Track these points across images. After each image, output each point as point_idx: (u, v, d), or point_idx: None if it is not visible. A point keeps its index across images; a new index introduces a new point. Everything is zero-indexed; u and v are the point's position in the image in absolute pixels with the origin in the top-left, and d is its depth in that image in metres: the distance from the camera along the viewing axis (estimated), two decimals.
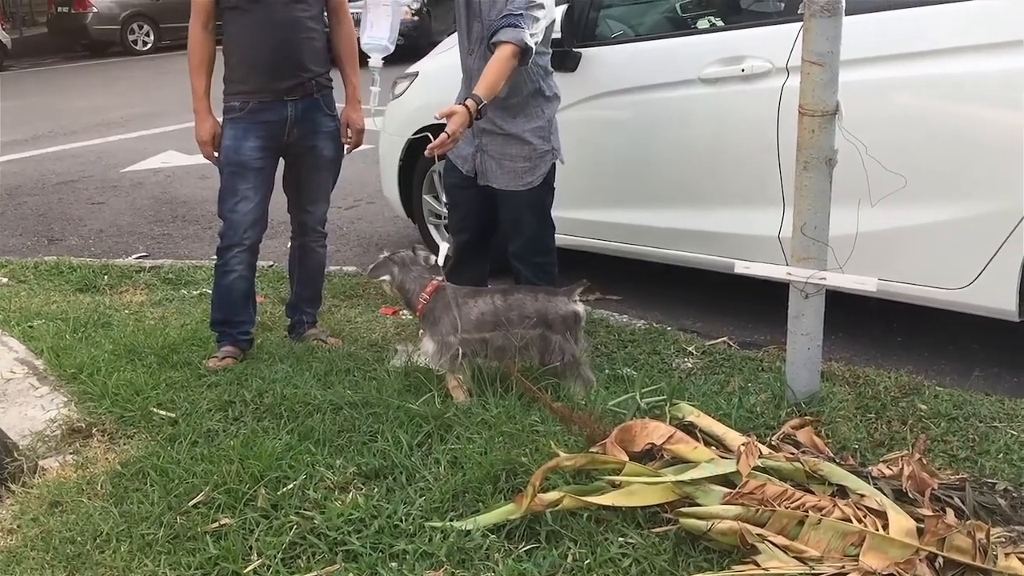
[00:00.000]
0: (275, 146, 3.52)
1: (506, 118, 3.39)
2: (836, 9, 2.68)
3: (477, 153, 3.48)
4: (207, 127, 3.51)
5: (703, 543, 2.24)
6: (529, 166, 3.44)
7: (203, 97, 3.50)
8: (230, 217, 3.50)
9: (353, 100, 3.67)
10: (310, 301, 3.89)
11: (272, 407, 3.09)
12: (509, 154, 3.42)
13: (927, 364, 3.53)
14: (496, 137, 3.42)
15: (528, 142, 3.41)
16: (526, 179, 3.45)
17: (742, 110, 3.65)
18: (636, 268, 4.39)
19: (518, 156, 3.42)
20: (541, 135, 3.43)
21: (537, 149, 3.43)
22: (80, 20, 17.40)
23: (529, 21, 3.16)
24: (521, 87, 3.36)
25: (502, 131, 3.40)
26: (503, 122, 3.39)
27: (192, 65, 3.48)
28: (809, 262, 2.87)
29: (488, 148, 3.45)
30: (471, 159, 3.50)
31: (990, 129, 3.15)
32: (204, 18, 3.44)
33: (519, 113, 3.40)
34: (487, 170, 3.48)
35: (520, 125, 3.40)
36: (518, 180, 3.45)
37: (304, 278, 3.84)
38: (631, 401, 2.95)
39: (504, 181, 3.46)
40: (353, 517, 2.42)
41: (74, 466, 2.88)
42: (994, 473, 2.57)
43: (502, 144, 3.42)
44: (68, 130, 9.85)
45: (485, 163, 3.47)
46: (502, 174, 3.45)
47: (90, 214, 6.67)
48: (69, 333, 3.93)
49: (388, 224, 5.96)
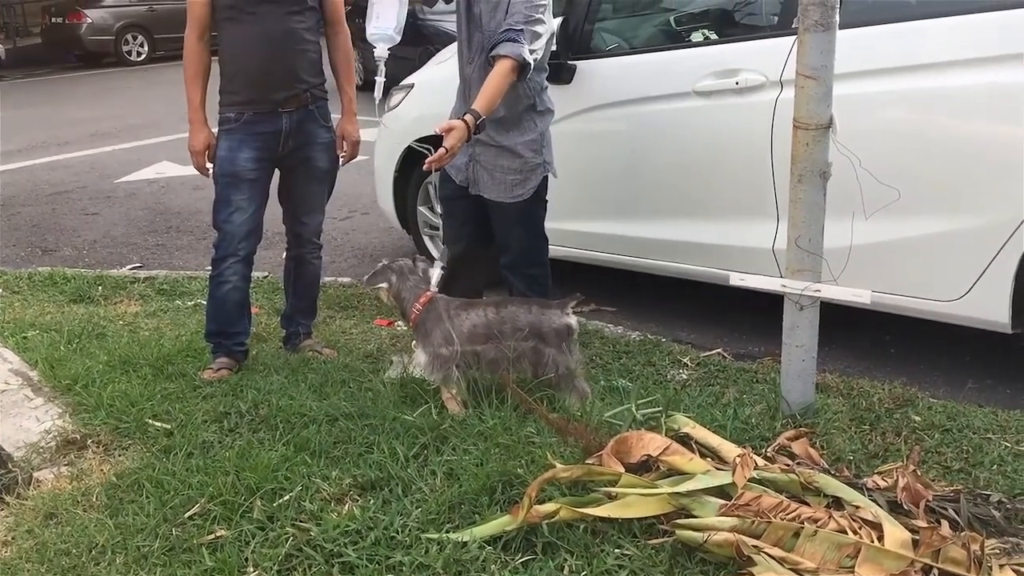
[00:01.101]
0: (270, 157, 3.52)
1: (500, 131, 3.40)
2: (830, 23, 2.70)
3: (470, 163, 3.49)
4: (201, 138, 3.51)
5: (699, 555, 2.24)
6: (520, 179, 3.45)
7: (198, 108, 3.50)
8: (225, 228, 3.51)
9: (349, 112, 3.67)
10: (305, 312, 3.89)
11: (268, 418, 3.09)
12: (501, 166, 3.44)
13: (921, 376, 3.54)
14: (489, 148, 3.43)
15: (520, 155, 3.42)
16: (516, 192, 3.46)
17: (736, 123, 3.66)
18: (631, 280, 4.40)
19: (509, 168, 3.43)
20: (533, 148, 3.44)
21: (528, 162, 3.44)
22: (74, 30, 17.42)
23: (529, 36, 3.18)
24: (516, 102, 3.37)
25: (495, 143, 3.42)
26: (496, 134, 3.40)
27: (188, 76, 3.49)
28: (804, 274, 2.88)
29: (481, 158, 3.46)
30: (464, 168, 3.51)
31: (984, 142, 3.17)
32: (200, 29, 3.44)
33: (513, 127, 3.41)
34: (479, 179, 3.49)
35: (513, 138, 3.41)
36: (508, 192, 3.46)
37: (299, 289, 3.85)
38: (627, 412, 2.95)
39: (495, 192, 3.47)
40: (349, 529, 2.41)
41: (69, 478, 2.87)
42: (988, 485, 2.58)
43: (494, 156, 3.43)
44: (62, 140, 9.84)
45: (477, 172, 3.48)
46: (493, 185, 3.46)
47: (84, 225, 6.66)
48: (63, 344, 3.92)
49: (383, 235, 5.97)
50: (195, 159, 3.56)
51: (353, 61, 3.68)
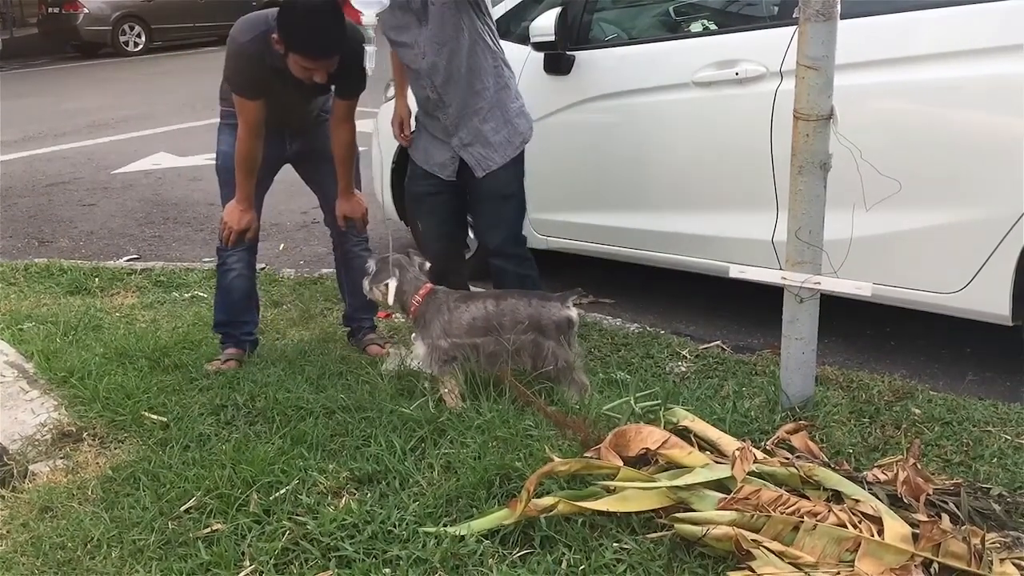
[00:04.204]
0: (273, 155, 3.50)
1: (484, 122, 3.40)
2: (831, 13, 2.67)
3: (459, 153, 3.46)
4: (246, 218, 3.44)
5: (698, 549, 2.23)
6: (511, 129, 3.45)
7: (249, 197, 3.43)
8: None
9: (346, 193, 3.56)
10: (365, 308, 3.77)
11: (264, 411, 3.08)
12: (491, 128, 3.42)
13: (921, 368, 3.53)
14: (470, 122, 3.41)
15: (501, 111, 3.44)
16: (515, 142, 3.46)
17: (736, 114, 3.64)
18: (630, 271, 4.38)
19: (499, 127, 3.43)
20: (510, 98, 3.48)
21: (507, 109, 3.45)
22: (71, 21, 17.31)
23: None
24: (484, 90, 3.38)
25: (474, 111, 3.41)
26: (481, 125, 3.40)
27: (242, 171, 3.37)
28: (804, 266, 2.86)
29: (466, 140, 3.44)
30: (450, 163, 3.49)
31: (985, 133, 3.15)
32: (256, 128, 3.32)
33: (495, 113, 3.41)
34: (479, 159, 3.45)
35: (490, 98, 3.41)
36: (510, 147, 3.45)
37: (352, 286, 3.68)
38: (625, 405, 2.94)
39: (501, 156, 3.45)
40: (346, 522, 2.40)
41: (64, 471, 2.86)
42: (988, 478, 2.57)
43: (479, 123, 3.42)
44: (59, 131, 9.81)
45: (475, 155, 3.45)
46: (495, 152, 3.45)
47: (81, 216, 6.64)
48: (59, 336, 3.90)
49: (381, 226, 5.93)
50: (225, 229, 3.46)
51: (355, 152, 3.53)
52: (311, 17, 3.05)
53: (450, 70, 3.33)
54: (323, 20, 3.07)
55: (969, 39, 3.15)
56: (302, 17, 3.05)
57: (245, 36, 3.23)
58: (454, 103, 3.38)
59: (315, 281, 4.72)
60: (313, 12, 3.05)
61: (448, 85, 3.35)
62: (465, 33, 3.31)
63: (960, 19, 3.18)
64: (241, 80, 3.26)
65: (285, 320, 4.18)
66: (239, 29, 3.27)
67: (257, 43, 3.18)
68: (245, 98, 3.26)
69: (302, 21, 3.05)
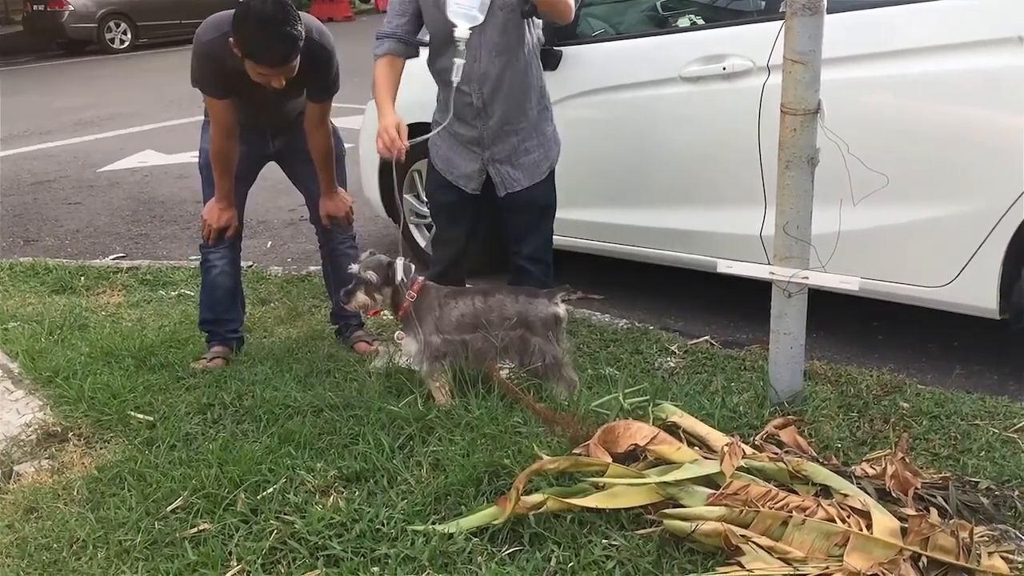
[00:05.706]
0: (254, 153, 3.48)
1: (517, 116, 3.35)
2: (818, 7, 2.67)
3: (487, 167, 3.40)
4: (225, 216, 3.45)
5: (687, 544, 2.23)
6: (542, 153, 3.42)
7: (227, 195, 3.43)
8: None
9: (328, 192, 3.55)
10: None
11: (251, 410, 3.06)
12: (525, 148, 3.38)
13: (909, 362, 3.54)
14: (507, 141, 3.36)
15: (540, 129, 3.41)
16: (543, 168, 3.43)
17: (723, 109, 3.64)
18: (618, 267, 4.38)
19: (532, 150, 3.39)
20: (546, 119, 3.46)
21: (544, 132, 3.42)
22: (56, 18, 17.21)
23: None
24: (529, 109, 3.36)
25: (513, 130, 3.35)
26: (518, 144, 3.37)
27: (217, 169, 3.37)
28: (792, 261, 2.86)
29: (498, 156, 3.38)
30: (476, 176, 3.43)
31: (972, 128, 3.15)
32: (227, 127, 3.30)
33: (524, 109, 3.36)
34: (505, 178, 3.40)
35: (530, 118, 3.37)
36: (537, 172, 3.42)
37: (340, 284, 3.61)
38: (614, 402, 2.94)
39: (529, 178, 3.41)
40: (334, 521, 2.39)
41: (50, 471, 2.84)
42: (976, 471, 2.57)
43: (517, 143, 3.37)
44: (44, 129, 9.75)
45: (502, 173, 3.40)
46: (524, 174, 3.40)
47: (66, 214, 6.60)
48: (45, 335, 3.88)
49: (368, 224, 5.92)
50: (205, 227, 3.48)
51: (332, 154, 3.49)
52: (262, 26, 2.96)
53: (502, 80, 3.25)
54: (275, 29, 2.96)
55: (956, 33, 3.15)
56: (253, 26, 2.97)
57: (207, 35, 3.19)
58: (496, 115, 3.29)
59: (303, 279, 4.70)
60: (265, 20, 2.95)
61: (496, 95, 3.26)
62: (525, 47, 3.27)
63: (945, 13, 3.18)
64: (204, 80, 3.22)
65: (273, 318, 4.16)
66: (204, 28, 3.23)
67: (217, 44, 3.12)
68: (212, 97, 3.24)
69: (253, 30, 2.97)
